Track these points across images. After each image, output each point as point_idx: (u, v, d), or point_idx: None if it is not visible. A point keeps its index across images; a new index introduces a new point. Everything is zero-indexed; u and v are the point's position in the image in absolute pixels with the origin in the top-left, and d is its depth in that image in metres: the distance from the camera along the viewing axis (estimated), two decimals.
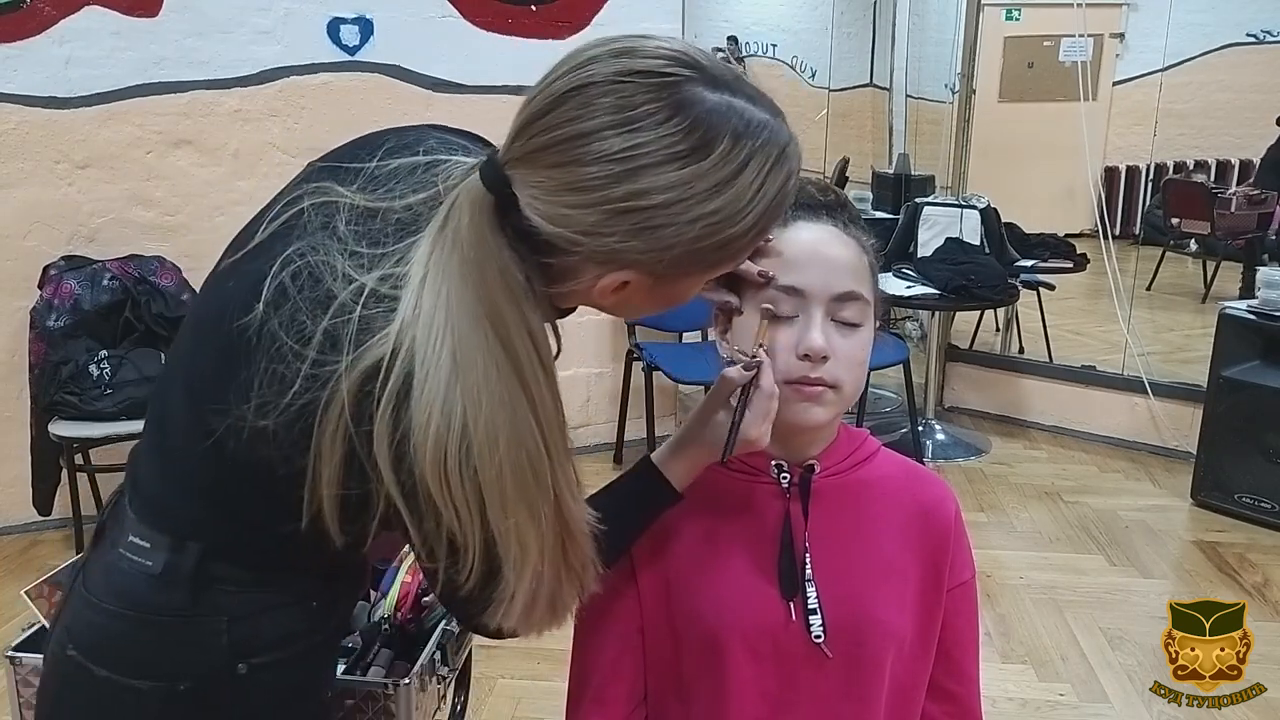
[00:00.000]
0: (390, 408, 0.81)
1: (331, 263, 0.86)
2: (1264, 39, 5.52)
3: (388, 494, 0.83)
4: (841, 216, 1.02)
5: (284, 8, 3.41)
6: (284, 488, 0.88)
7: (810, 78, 8.55)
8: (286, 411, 0.84)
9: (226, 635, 0.97)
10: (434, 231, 0.84)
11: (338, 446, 0.83)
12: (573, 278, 0.86)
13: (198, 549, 0.96)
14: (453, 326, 0.81)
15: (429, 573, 0.89)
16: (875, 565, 1.03)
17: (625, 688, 1.06)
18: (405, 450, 0.81)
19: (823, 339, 0.96)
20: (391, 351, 0.81)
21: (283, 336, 0.85)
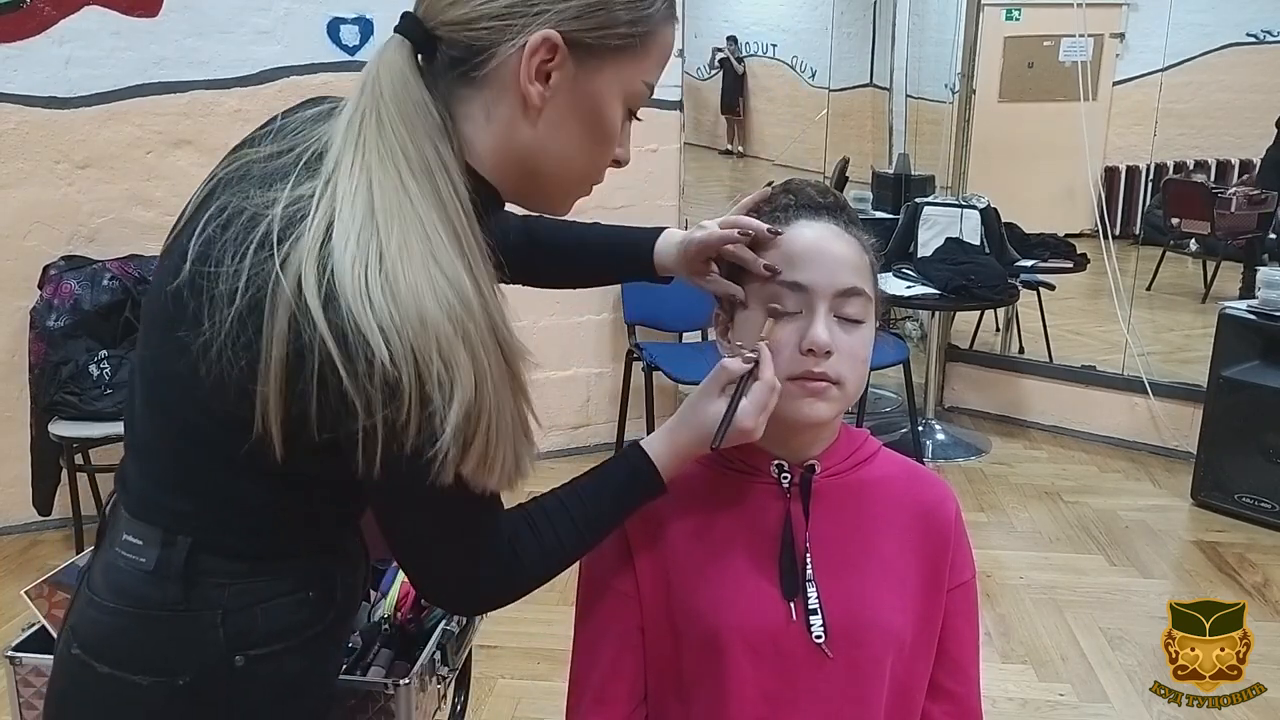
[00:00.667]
0: (317, 247, 0.82)
1: (249, 197, 0.88)
2: (1264, 39, 5.52)
3: (322, 349, 0.81)
4: (842, 217, 1.04)
5: (284, 8, 3.40)
6: (233, 423, 0.87)
7: (810, 78, 8.56)
8: (234, 328, 0.84)
9: (222, 628, 0.97)
10: (354, 98, 0.89)
11: (281, 328, 0.82)
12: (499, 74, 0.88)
13: (187, 543, 0.96)
14: (368, 166, 0.85)
15: (370, 438, 0.83)
16: (875, 565, 1.03)
17: (626, 687, 1.06)
18: (331, 286, 0.81)
19: (826, 333, 0.97)
20: (315, 205, 0.84)
21: (214, 268, 0.86)
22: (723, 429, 0.95)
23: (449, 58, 0.89)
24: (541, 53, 0.87)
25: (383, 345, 0.81)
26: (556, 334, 3.96)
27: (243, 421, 0.86)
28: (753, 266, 1.00)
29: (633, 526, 1.05)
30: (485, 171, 0.94)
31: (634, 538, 1.05)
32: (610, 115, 0.94)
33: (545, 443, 4.05)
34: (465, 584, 0.97)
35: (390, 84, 0.88)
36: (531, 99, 0.89)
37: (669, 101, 3.92)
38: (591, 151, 0.97)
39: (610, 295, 4.00)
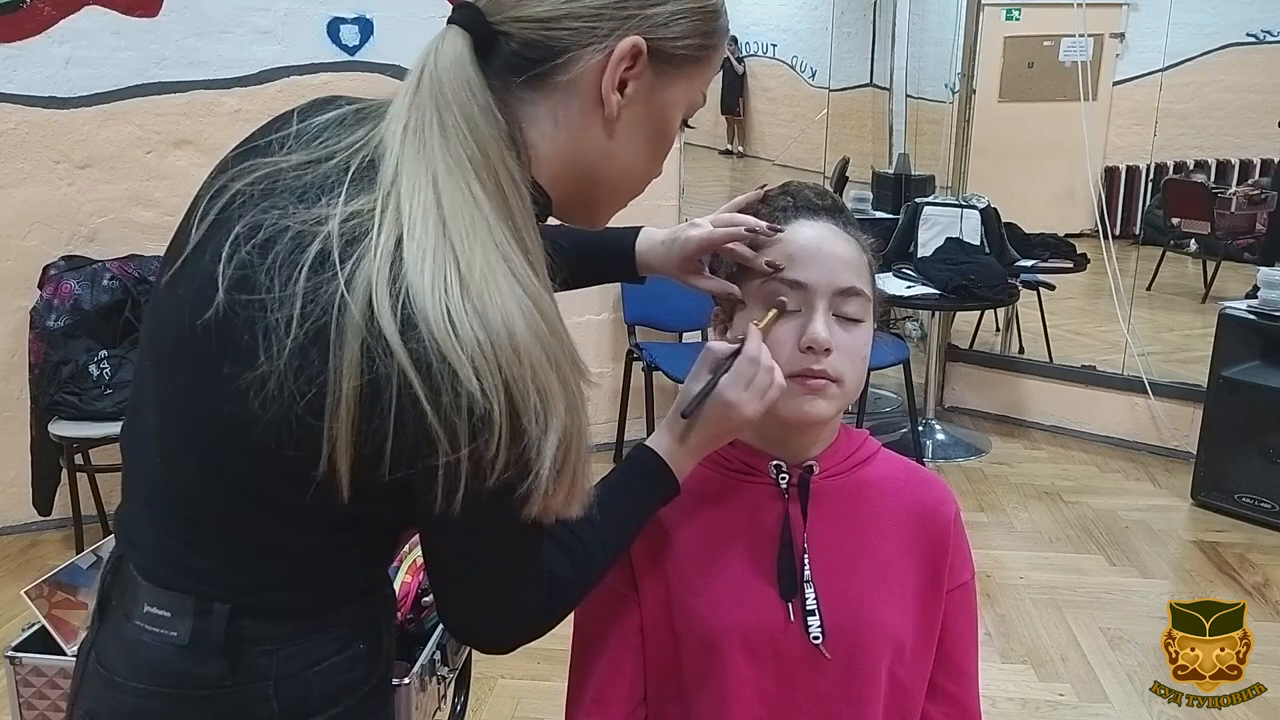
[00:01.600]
0: (387, 268, 0.75)
1: (289, 213, 0.79)
2: (1264, 39, 5.52)
3: (402, 381, 0.74)
4: (840, 218, 1.04)
5: (284, 8, 3.41)
6: (291, 466, 0.79)
7: (810, 78, 8.56)
8: (296, 360, 0.75)
9: (275, 700, 0.87)
10: (406, 98, 0.83)
11: (353, 357, 0.74)
12: (575, 79, 0.83)
13: (225, 610, 0.85)
14: (434, 176, 0.78)
15: (452, 474, 0.76)
16: (874, 566, 1.03)
17: (625, 689, 1.06)
18: (409, 310, 0.74)
19: (826, 331, 0.97)
20: (378, 220, 0.76)
21: (261, 294, 0.77)
22: (698, 399, 0.95)
23: (516, 57, 0.83)
24: (627, 60, 0.83)
25: (473, 376, 0.73)
26: None
27: (303, 464, 0.78)
28: (754, 264, 1.01)
29: None
30: (543, 180, 0.87)
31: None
32: (674, 125, 0.92)
33: None
34: (504, 618, 0.90)
35: (453, 85, 0.81)
36: (610, 107, 0.85)
37: None
38: (651, 161, 0.94)
39: (610, 295, 4.00)
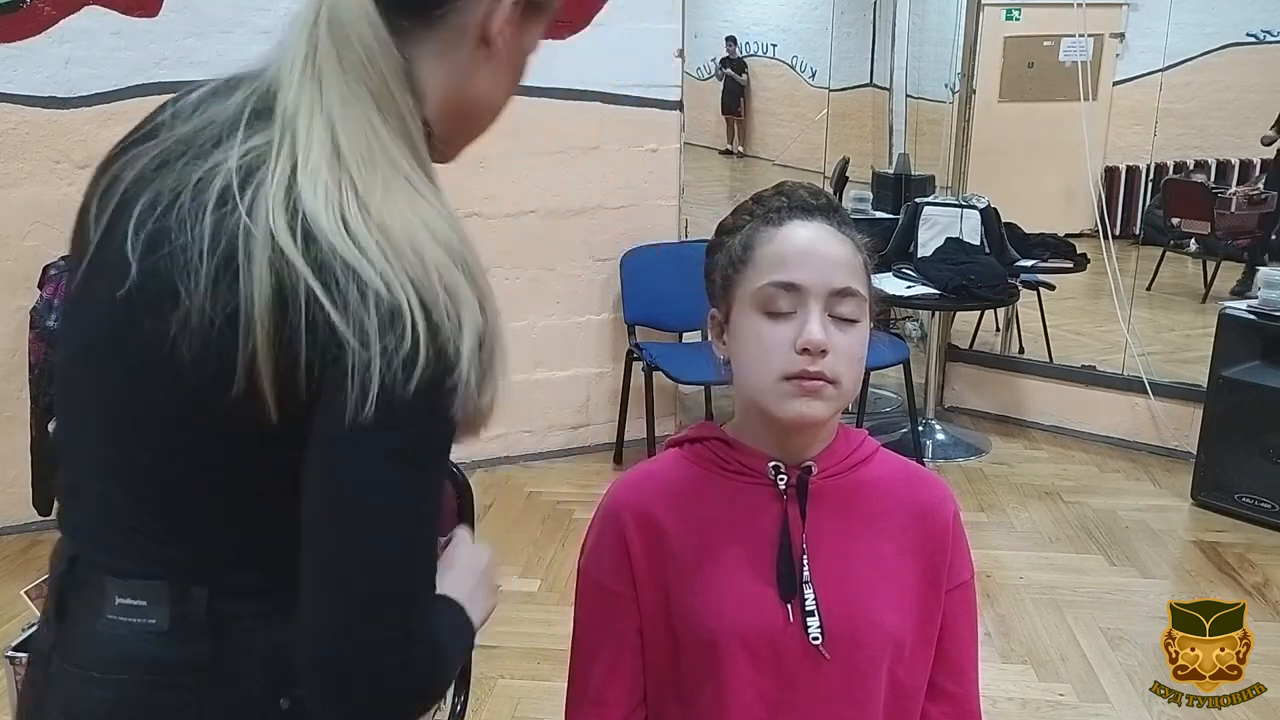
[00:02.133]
0: (283, 193, 0.79)
1: (189, 173, 0.83)
2: (1264, 39, 5.52)
3: (307, 289, 0.77)
4: (834, 218, 1.04)
5: (284, 8, 3.38)
6: (226, 402, 0.80)
7: (810, 78, 8.56)
8: (210, 287, 0.79)
9: (258, 676, 0.88)
10: (302, 35, 0.87)
11: (261, 274, 0.78)
12: (463, 18, 0.88)
13: (203, 592, 0.87)
14: (331, 108, 0.82)
15: (366, 370, 0.77)
16: (873, 566, 1.04)
17: (624, 690, 1.06)
18: (307, 227, 0.78)
19: (822, 332, 0.97)
20: (275, 151, 0.81)
21: (171, 244, 0.81)
22: None
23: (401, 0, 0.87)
24: (517, 6, 0.90)
25: (376, 275, 0.77)
26: (556, 334, 3.96)
27: (235, 395, 0.79)
28: None
29: (630, 528, 1.05)
30: (430, 116, 0.92)
31: (631, 539, 1.05)
32: (527, 63, 0.98)
33: (545, 442, 4.05)
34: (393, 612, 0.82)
35: (354, 22, 0.84)
36: (497, 46, 0.91)
37: (669, 101, 3.92)
38: (507, 96, 0.99)
39: (610, 295, 4.00)
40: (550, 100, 3.74)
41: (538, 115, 3.73)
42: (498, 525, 3.45)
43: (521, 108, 3.75)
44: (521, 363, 3.95)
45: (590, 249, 3.95)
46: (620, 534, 1.05)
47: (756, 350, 0.99)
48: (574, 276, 3.96)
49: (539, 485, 3.80)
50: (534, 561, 3.21)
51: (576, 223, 3.91)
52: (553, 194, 3.84)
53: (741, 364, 1.02)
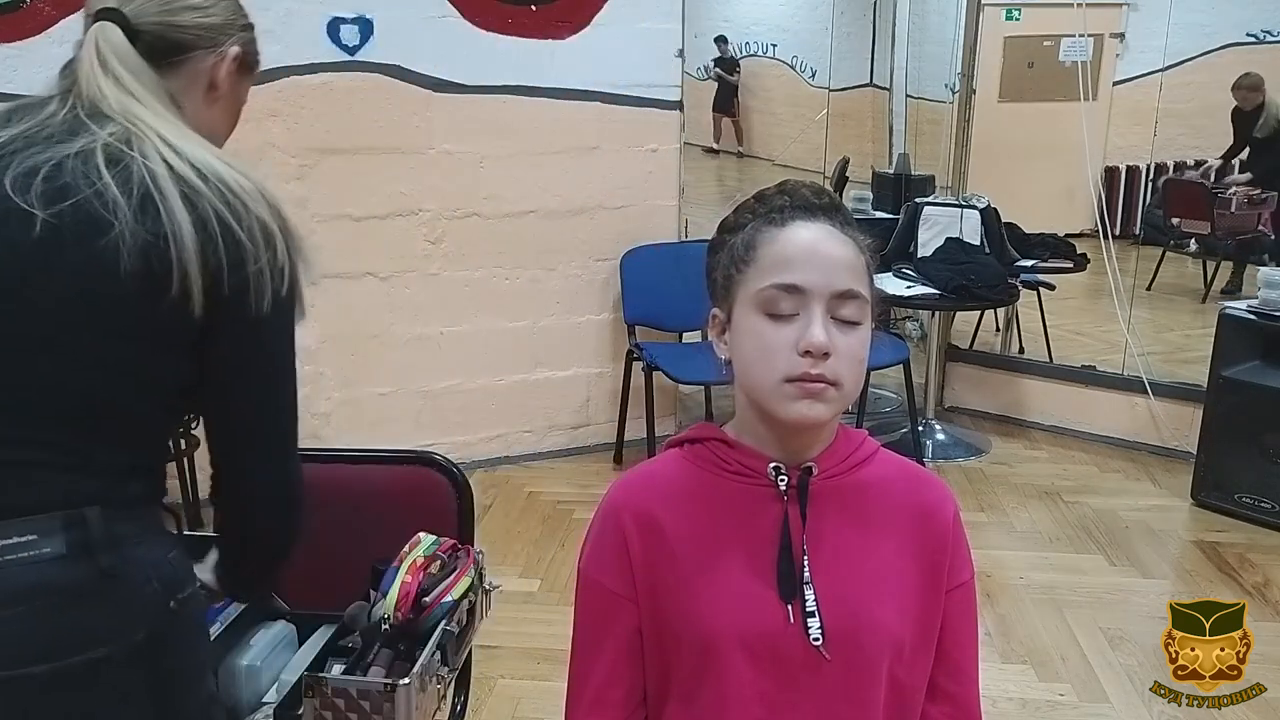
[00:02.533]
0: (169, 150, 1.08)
1: (57, 150, 1.06)
2: (1264, 39, 5.51)
3: (216, 211, 1.06)
4: (837, 217, 1.03)
5: (284, 8, 3.40)
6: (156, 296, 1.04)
7: (810, 78, 8.56)
8: (138, 217, 1.03)
9: (155, 580, 1.07)
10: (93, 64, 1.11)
11: (177, 205, 1.05)
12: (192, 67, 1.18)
13: (97, 511, 1.03)
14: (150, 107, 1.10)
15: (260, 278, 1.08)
16: (874, 567, 1.04)
17: (624, 690, 1.06)
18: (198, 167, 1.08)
19: (824, 334, 0.97)
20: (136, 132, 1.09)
21: (79, 195, 1.03)
22: None
23: (154, 49, 1.15)
24: (234, 62, 1.21)
25: (254, 203, 1.09)
26: (556, 334, 3.97)
27: (167, 294, 1.03)
28: None
29: (630, 529, 1.05)
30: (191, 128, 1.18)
31: (631, 541, 1.05)
32: (238, 115, 1.29)
33: (545, 443, 4.05)
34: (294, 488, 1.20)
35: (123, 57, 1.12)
36: (222, 90, 1.22)
37: (668, 101, 3.92)
38: (228, 136, 1.28)
39: (610, 295, 4.00)
40: (550, 100, 3.74)
41: (538, 115, 3.74)
42: (498, 525, 3.45)
43: (521, 108, 3.77)
44: (521, 363, 3.95)
45: (590, 249, 3.95)
46: (620, 534, 1.05)
47: (758, 352, 0.99)
48: (574, 276, 3.96)
49: (539, 485, 3.80)
50: (534, 561, 3.21)
51: (576, 223, 3.91)
52: (553, 194, 3.85)
53: (743, 365, 1.02)
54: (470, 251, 3.78)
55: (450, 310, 3.80)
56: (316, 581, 1.64)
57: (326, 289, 3.61)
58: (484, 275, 3.82)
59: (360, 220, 3.62)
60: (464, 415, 3.90)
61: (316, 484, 1.72)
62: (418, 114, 3.62)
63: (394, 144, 3.61)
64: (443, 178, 3.69)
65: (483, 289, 3.83)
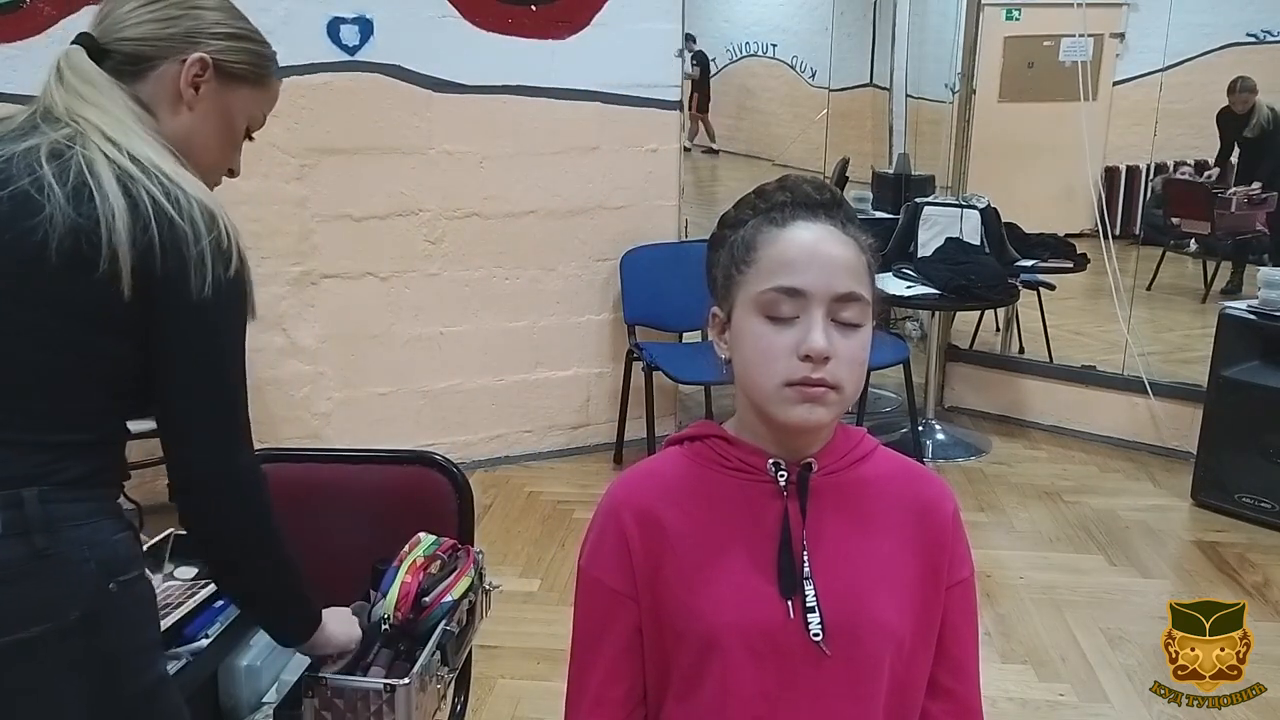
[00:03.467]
0: (108, 144, 1.14)
1: (5, 149, 1.15)
2: (1264, 39, 5.51)
3: (150, 196, 1.11)
4: (839, 215, 1.02)
5: (284, 8, 3.41)
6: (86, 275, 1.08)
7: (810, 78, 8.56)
8: (71, 202, 1.09)
9: (92, 560, 1.09)
10: (54, 81, 1.19)
11: (112, 189, 1.10)
12: (160, 77, 1.23)
13: (34, 492, 1.07)
14: (101, 114, 1.16)
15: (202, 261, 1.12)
16: (873, 563, 1.04)
17: (624, 688, 1.06)
18: (134, 158, 1.14)
19: (825, 340, 0.96)
20: (81, 130, 1.15)
21: (21, 180, 1.10)
22: None
23: (123, 64, 1.22)
24: (196, 68, 1.24)
25: (194, 191, 1.14)
26: (556, 334, 3.97)
27: (94, 271, 1.08)
28: None
29: (630, 526, 1.05)
30: (166, 135, 1.23)
31: (631, 538, 1.05)
32: (238, 126, 1.31)
33: (545, 442, 4.05)
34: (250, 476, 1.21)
35: (82, 69, 1.20)
36: (186, 99, 1.24)
37: (668, 101, 3.92)
38: (223, 150, 1.31)
39: (610, 295, 4.00)
40: (550, 100, 3.74)
41: (537, 115, 3.74)
42: (498, 525, 3.45)
43: (521, 107, 3.77)
44: (521, 363, 3.95)
45: (590, 249, 3.95)
46: (620, 532, 1.05)
47: (758, 355, 0.99)
48: (574, 276, 3.96)
49: (539, 485, 3.80)
50: (534, 561, 3.21)
51: (576, 223, 3.91)
52: (552, 194, 3.85)
53: (743, 367, 1.02)
54: (470, 251, 3.78)
55: (450, 310, 3.80)
56: (316, 581, 1.64)
57: (326, 289, 3.62)
58: (484, 275, 3.82)
59: (360, 220, 3.62)
60: (464, 415, 3.90)
61: (316, 484, 1.73)
62: (418, 114, 3.62)
63: (394, 144, 3.61)
64: (443, 178, 3.69)
65: (483, 289, 3.83)
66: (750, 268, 1.01)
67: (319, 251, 3.58)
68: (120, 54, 1.22)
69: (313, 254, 3.57)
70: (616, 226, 3.94)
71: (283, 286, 3.52)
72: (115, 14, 1.24)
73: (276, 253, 3.47)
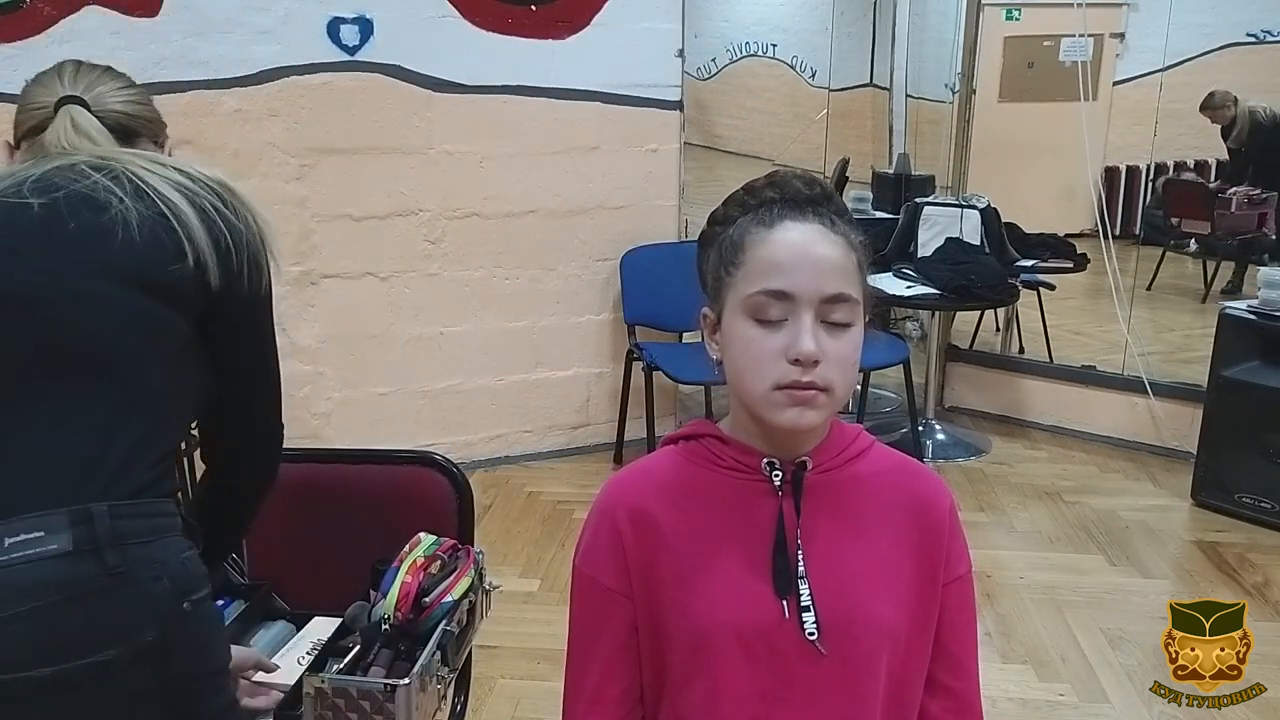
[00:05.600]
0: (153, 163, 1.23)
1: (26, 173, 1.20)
2: (1264, 39, 5.51)
3: (210, 196, 1.20)
4: (828, 212, 1.01)
5: (284, 8, 3.40)
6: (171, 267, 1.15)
7: (810, 78, 8.55)
8: (129, 194, 1.15)
9: (165, 578, 1.06)
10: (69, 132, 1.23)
11: (172, 194, 1.17)
12: (144, 143, 1.32)
13: (104, 508, 1.03)
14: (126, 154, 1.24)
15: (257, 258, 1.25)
16: (869, 561, 1.03)
17: (621, 688, 1.06)
18: (188, 170, 1.23)
19: (813, 344, 0.95)
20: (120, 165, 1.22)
21: (70, 185, 1.15)
22: None
23: (114, 129, 1.29)
24: (169, 145, 1.39)
25: (238, 196, 1.24)
26: (556, 334, 3.97)
27: (184, 261, 1.14)
28: None
29: (625, 525, 1.05)
30: None
31: (626, 537, 1.04)
32: None
33: (545, 442, 4.05)
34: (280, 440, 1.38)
35: (93, 127, 1.26)
36: None
37: (669, 101, 3.92)
38: None
39: (610, 295, 4.00)
40: (550, 100, 3.74)
41: (537, 115, 3.74)
42: (498, 525, 3.45)
43: (521, 108, 3.77)
44: (521, 363, 3.95)
45: (590, 249, 3.95)
46: (615, 530, 1.05)
47: (748, 359, 0.98)
48: (574, 276, 3.96)
49: (539, 485, 3.80)
50: (534, 561, 3.21)
51: (576, 223, 3.91)
52: (552, 194, 3.85)
53: (733, 370, 1.01)
54: (470, 251, 3.78)
55: (450, 310, 3.80)
56: (316, 581, 1.65)
57: (326, 289, 3.62)
58: (484, 275, 3.82)
59: (360, 220, 3.62)
60: (464, 415, 3.90)
61: (316, 484, 1.73)
62: (418, 114, 3.62)
63: (394, 144, 3.61)
64: (443, 178, 3.69)
65: (483, 289, 3.83)
66: (739, 269, 1.00)
67: (319, 251, 3.58)
68: (113, 123, 1.29)
69: (313, 254, 3.57)
70: (616, 226, 3.94)
71: (283, 286, 3.49)
72: (99, 89, 1.31)
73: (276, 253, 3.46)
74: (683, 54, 3.93)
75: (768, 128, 10.10)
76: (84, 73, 1.33)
